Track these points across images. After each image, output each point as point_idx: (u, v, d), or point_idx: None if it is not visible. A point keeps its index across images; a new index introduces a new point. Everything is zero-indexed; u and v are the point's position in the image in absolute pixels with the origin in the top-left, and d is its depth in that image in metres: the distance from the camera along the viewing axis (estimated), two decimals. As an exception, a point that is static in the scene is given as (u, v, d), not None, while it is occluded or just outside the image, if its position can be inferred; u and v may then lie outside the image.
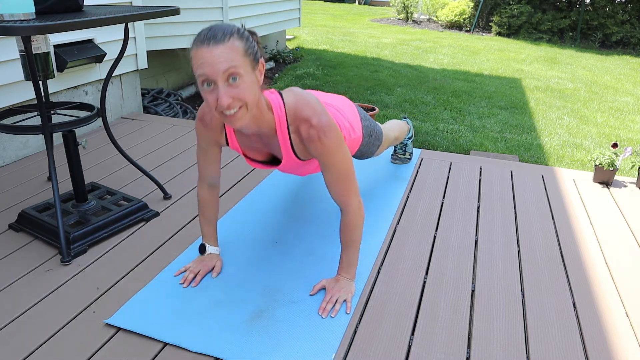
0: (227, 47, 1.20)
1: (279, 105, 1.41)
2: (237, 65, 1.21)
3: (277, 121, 1.41)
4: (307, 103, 1.41)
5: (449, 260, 1.80)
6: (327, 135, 1.38)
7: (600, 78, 6.29)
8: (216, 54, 1.19)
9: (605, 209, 2.23)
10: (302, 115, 1.39)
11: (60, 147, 2.72)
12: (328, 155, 1.42)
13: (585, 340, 1.44)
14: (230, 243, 1.86)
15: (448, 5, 10.28)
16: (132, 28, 3.25)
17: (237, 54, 1.21)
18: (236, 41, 1.22)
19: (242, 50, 1.22)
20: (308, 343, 1.38)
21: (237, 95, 1.24)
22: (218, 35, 1.21)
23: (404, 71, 6.12)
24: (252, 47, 1.26)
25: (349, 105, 1.86)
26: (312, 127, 1.38)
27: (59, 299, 1.56)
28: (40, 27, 1.48)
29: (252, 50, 1.26)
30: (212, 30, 1.22)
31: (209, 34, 1.21)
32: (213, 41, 1.20)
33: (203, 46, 1.20)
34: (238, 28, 1.26)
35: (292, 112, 1.40)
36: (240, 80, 1.22)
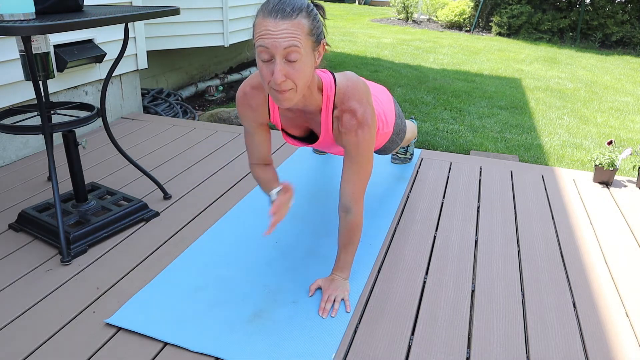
0: (293, 24, 1.18)
1: (330, 86, 1.41)
2: (299, 45, 1.19)
3: (324, 103, 1.42)
4: (357, 92, 1.41)
5: (449, 260, 1.80)
6: (364, 131, 1.39)
7: (600, 78, 6.29)
8: (281, 29, 1.17)
9: (605, 209, 2.23)
10: (349, 104, 1.39)
11: (60, 147, 2.72)
12: (358, 148, 1.42)
13: (585, 340, 1.44)
14: (230, 243, 1.86)
15: (448, 5, 10.28)
16: (132, 28, 3.25)
17: (302, 33, 1.19)
18: (303, 19, 1.20)
19: (308, 30, 1.20)
20: (308, 343, 1.38)
21: (292, 75, 1.23)
22: (287, 8, 1.18)
23: (404, 71, 6.12)
24: (318, 27, 1.25)
25: (389, 99, 1.86)
26: (354, 118, 1.39)
27: (59, 299, 1.56)
28: (40, 27, 1.48)
29: (317, 30, 1.24)
30: (282, 2, 1.19)
31: (278, 6, 1.18)
32: (281, 14, 1.17)
33: (270, 17, 1.18)
34: (308, 4, 1.23)
35: (342, 96, 1.40)
36: (299, 60, 1.21)
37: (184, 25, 4.10)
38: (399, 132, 1.94)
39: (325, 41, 1.30)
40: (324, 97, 1.41)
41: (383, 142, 1.88)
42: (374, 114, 1.43)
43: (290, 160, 2.62)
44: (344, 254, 1.58)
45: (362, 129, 1.40)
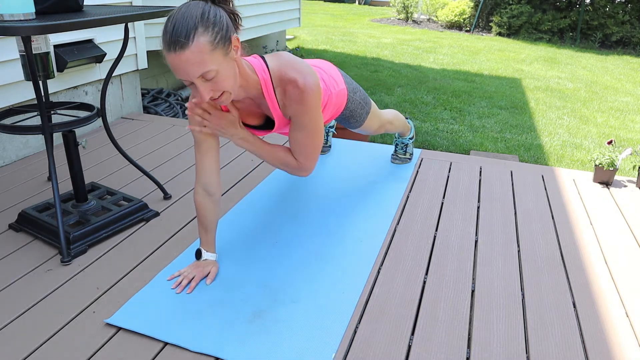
0: (192, 51, 1.18)
1: (261, 68, 1.41)
2: (208, 67, 1.20)
3: (262, 83, 1.42)
4: (293, 65, 1.41)
5: (449, 260, 1.80)
6: (310, 96, 1.39)
7: (600, 78, 6.29)
8: (184, 60, 1.18)
9: (605, 209, 2.23)
10: (288, 77, 1.39)
11: (60, 147, 2.72)
12: (304, 115, 1.42)
13: (585, 340, 1.44)
14: (230, 243, 1.86)
15: (448, 5, 10.28)
16: (132, 28, 3.25)
17: (205, 53, 1.19)
18: (201, 37, 1.18)
19: (210, 45, 1.20)
20: (308, 343, 1.38)
21: (217, 87, 1.26)
22: (181, 38, 1.17)
23: (404, 71, 6.12)
24: (220, 30, 1.22)
25: (329, 65, 1.87)
26: (296, 87, 1.39)
27: (59, 299, 1.56)
28: (40, 27, 1.48)
29: (221, 34, 1.22)
30: (175, 30, 1.18)
31: (172, 37, 1.18)
32: (178, 47, 1.17)
33: (170, 52, 1.19)
34: (202, 13, 1.21)
35: (277, 74, 1.40)
36: (216, 74, 1.23)
37: (184, 25, 4.09)
38: (354, 90, 1.91)
39: (236, 35, 1.29)
40: (260, 79, 1.42)
41: (343, 102, 1.85)
42: (316, 77, 1.42)
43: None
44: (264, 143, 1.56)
45: (306, 95, 1.39)
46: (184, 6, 1.23)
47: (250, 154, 2.72)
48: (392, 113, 2.31)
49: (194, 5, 1.23)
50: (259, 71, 1.42)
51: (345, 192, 2.27)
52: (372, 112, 2.07)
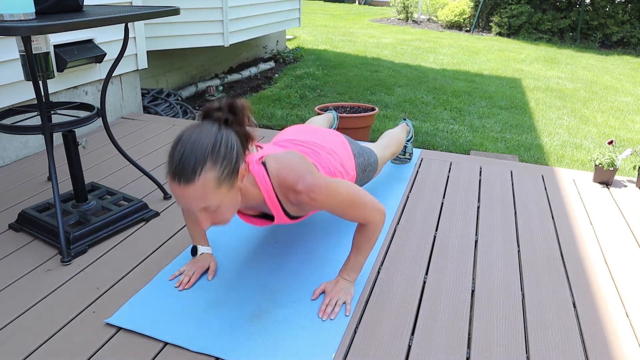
0: (197, 186, 1.12)
1: (263, 179, 1.36)
2: (211, 203, 1.15)
3: (265, 195, 1.38)
4: (290, 168, 1.36)
5: (449, 260, 1.80)
6: (316, 193, 1.34)
7: (600, 78, 6.29)
8: (188, 194, 1.13)
9: (605, 209, 2.23)
10: (287, 184, 1.34)
11: (60, 147, 2.72)
12: (326, 205, 1.39)
13: (585, 340, 1.44)
14: (230, 243, 1.86)
15: (448, 5, 10.28)
16: (132, 28, 3.25)
17: (210, 190, 1.13)
18: (208, 174, 1.12)
19: (216, 182, 1.14)
20: (308, 343, 1.38)
21: (217, 219, 1.22)
22: (188, 171, 1.11)
23: (404, 71, 6.13)
24: (229, 162, 1.16)
25: (341, 143, 1.81)
26: (299, 194, 1.34)
27: (59, 299, 1.56)
28: (40, 27, 1.48)
29: (229, 169, 1.16)
30: (182, 161, 1.12)
31: (179, 168, 1.12)
32: (184, 180, 1.11)
33: (175, 181, 1.13)
34: (214, 144, 1.13)
35: (277, 181, 1.36)
36: (218, 207, 1.18)
37: (184, 25, 4.10)
38: (364, 168, 1.89)
39: (245, 165, 1.23)
40: (263, 192, 1.37)
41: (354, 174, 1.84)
42: (313, 174, 1.36)
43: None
44: (355, 255, 1.55)
45: (314, 194, 1.34)
46: (195, 130, 1.15)
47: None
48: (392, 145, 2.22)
49: (206, 131, 1.15)
50: (261, 183, 1.36)
51: (345, 192, 2.27)
52: (379, 167, 2.04)
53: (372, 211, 1.47)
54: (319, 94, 4.96)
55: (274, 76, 5.58)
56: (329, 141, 1.76)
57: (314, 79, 5.47)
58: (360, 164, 1.86)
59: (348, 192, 1.42)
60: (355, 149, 1.86)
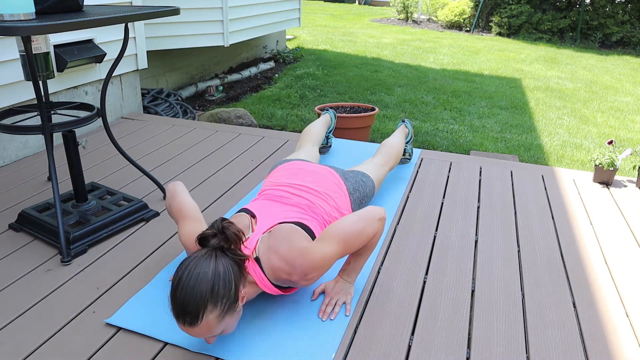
0: (202, 327, 1.19)
1: (261, 278, 1.40)
2: (214, 332, 1.22)
3: (264, 289, 1.42)
4: (281, 258, 1.37)
5: (449, 260, 1.80)
6: (311, 273, 1.37)
7: (600, 78, 6.29)
8: (194, 332, 1.20)
9: (605, 209, 2.23)
10: (282, 277, 1.38)
11: (60, 147, 2.72)
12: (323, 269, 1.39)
13: (585, 340, 1.44)
14: (230, 243, 1.85)
15: (448, 5, 10.28)
16: (132, 28, 3.26)
17: (214, 325, 1.20)
18: (210, 314, 1.18)
19: (218, 318, 1.20)
20: (308, 343, 1.38)
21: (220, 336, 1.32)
22: (191, 315, 1.17)
23: (404, 71, 6.13)
24: (229, 298, 1.21)
25: (336, 184, 1.81)
26: (295, 282, 1.38)
27: (59, 299, 1.56)
28: (40, 27, 1.48)
29: (229, 302, 1.21)
30: (184, 307, 1.17)
31: (181, 312, 1.17)
32: (188, 323, 1.18)
33: (180, 323, 1.20)
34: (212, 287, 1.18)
35: (272, 274, 1.39)
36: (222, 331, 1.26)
37: (184, 25, 4.10)
38: (361, 201, 1.90)
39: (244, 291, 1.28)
40: (261, 287, 1.41)
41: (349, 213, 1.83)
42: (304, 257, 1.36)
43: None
44: (355, 258, 1.55)
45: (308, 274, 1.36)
46: (193, 272, 1.19)
47: (249, 154, 2.73)
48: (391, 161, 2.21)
49: (203, 272, 1.19)
50: (259, 281, 1.40)
51: (345, 192, 2.27)
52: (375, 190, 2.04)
53: (371, 229, 1.46)
54: (319, 94, 4.96)
55: (274, 76, 5.58)
56: (322, 184, 1.77)
57: (314, 79, 5.47)
58: (356, 200, 1.87)
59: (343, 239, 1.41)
60: (350, 186, 1.86)
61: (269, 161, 2.63)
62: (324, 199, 1.72)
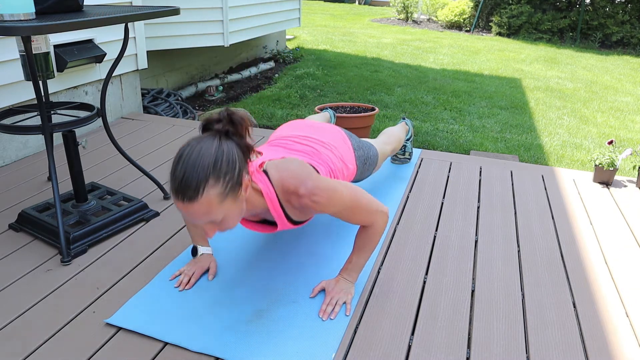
0: (202, 203, 1.13)
1: (267, 188, 1.37)
2: (214, 215, 1.16)
3: (269, 203, 1.38)
4: (290, 174, 1.36)
5: (449, 260, 1.80)
6: (318, 196, 1.35)
7: (600, 78, 6.29)
8: (192, 211, 1.14)
9: (605, 209, 2.23)
10: (289, 189, 1.35)
11: (60, 147, 2.72)
12: (329, 207, 1.39)
13: (585, 340, 1.44)
14: (230, 243, 1.86)
15: (448, 5, 10.28)
16: (132, 28, 3.25)
17: (214, 205, 1.14)
18: (211, 190, 1.13)
19: (219, 197, 1.14)
20: (308, 343, 1.38)
21: (222, 228, 1.23)
22: (190, 189, 1.11)
23: (404, 71, 6.13)
24: (232, 177, 1.16)
25: (340, 137, 1.81)
26: (301, 197, 1.35)
27: (59, 299, 1.56)
28: (40, 27, 1.48)
29: (232, 183, 1.16)
30: (185, 180, 1.12)
31: (181, 187, 1.12)
32: (187, 199, 1.12)
33: (178, 200, 1.13)
34: (215, 161, 1.14)
35: (280, 188, 1.37)
36: (223, 218, 1.20)
37: (184, 25, 4.10)
38: (364, 161, 1.90)
39: (248, 176, 1.23)
40: (267, 200, 1.38)
41: (352, 179, 1.85)
42: (314, 178, 1.37)
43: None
44: (356, 256, 1.55)
45: (315, 197, 1.35)
46: (195, 147, 1.15)
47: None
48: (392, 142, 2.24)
49: (206, 147, 1.15)
50: (265, 191, 1.37)
51: (345, 192, 2.27)
52: (379, 161, 2.05)
53: (375, 214, 1.47)
54: (319, 94, 4.96)
55: (274, 76, 5.58)
56: (327, 135, 1.76)
57: (314, 79, 5.47)
58: (360, 157, 1.86)
59: (350, 194, 1.42)
60: (354, 143, 1.86)
61: (269, 161, 2.63)
62: (330, 149, 1.70)
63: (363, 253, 1.54)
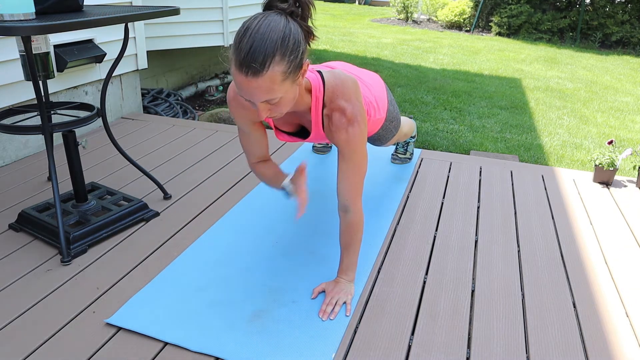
0: (265, 79, 1.11)
1: (319, 87, 1.40)
2: (275, 96, 1.16)
3: (313, 103, 1.41)
4: (346, 90, 1.40)
5: (449, 260, 1.80)
6: (354, 128, 1.39)
7: (600, 78, 6.29)
8: (254, 86, 1.12)
9: (605, 209, 2.23)
10: (338, 103, 1.39)
11: (60, 147, 2.72)
12: (350, 144, 1.42)
13: (585, 340, 1.44)
14: (230, 243, 1.86)
15: (448, 5, 10.28)
16: (132, 28, 3.25)
17: (277, 83, 1.13)
18: (276, 66, 1.11)
19: (283, 75, 1.13)
20: (308, 343, 1.38)
21: (276, 110, 1.23)
22: (257, 62, 1.09)
23: (404, 71, 6.13)
24: (296, 57, 1.15)
25: (380, 85, 1.85)
26: (343, 116, 1.38)
27: (59, 299, 1.56)
28: (40, 27, 1.48)
29: (295, 63, 1.15)
30: (252, 52, 1.09)
31: (247, 59, 1.10)
32: (252, 72, 1.10)
33: (241, 72, 1.11)
34: (283, 37, 1.12)
35: (330, 95, 1.40)
36: (279, 100, 1.19)
37: (184, 25, 4.10)
38: (392, 119, 1.92)
39: (308, 61, 1.23)
40: (312, 98, 1.41)
41: (376, 129, 1.87)
42: (363, 110, 1.42)
43: (290, 160, 2.62)
44: (346, 255, 1.57)
45: (352, 126, 1.40)
46: (263, 21, 1.13)
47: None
48: (408, 125, 2.29)
49: (274, 22, 1.13)
50: (315, 90, 1.39)
51: (345, 192, 2.27)
52: (398, 133, 2.06)
53: (360, 195, 1.50)
54: (319, 94, 4.96)
55: (274, 76, 5.57)
56: (368, 76, 1.81)
57: (314, 79, 5.46)
58: (390, 112, 1.90)
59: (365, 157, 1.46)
60: (390, 97, 1.91)
61: (269, 161, 2.63)
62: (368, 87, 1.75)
63: (351, 251, 1.55)
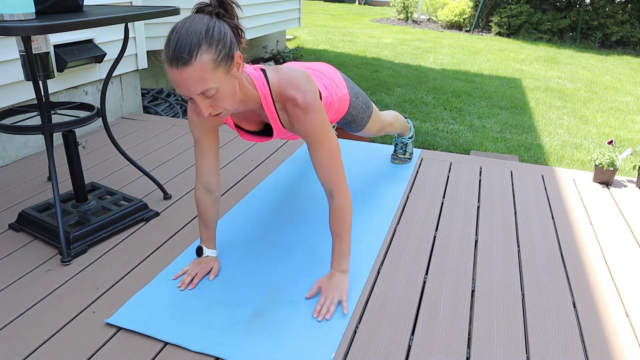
0: (194, 68, 1.17)
1: (261, 82, 1.41)
2: (209, 85, 1.20)
3: (261, 97, 1.42)
4: (292, 81, 1.41)
5: (449, 260, 1.80)
6: (310, 114, 1.39)
7: (600, 78, 6.29)
8: (185, 77, 1.18)
9: (605, 209, 2.23)
10: (288, 94, 1.40)
11: (60, 147, 2.72)
12: (313, 132, 1.42)
13: (585, 340, 1.44)
14: (231, 243, 1.86)
15: (448, 5, 10.28)
16: (132, 28, 3.25)
17: (207, 71, 1.18)
18: (204, 55, 1.17)
19: (212, 63, 1.19)
20: (308, 343, 1.38)
21: (217, 104, 1.26)
22: (184, 54, 1.16)
23: (404, 71, 6.13)
24: (224, 46, 1.21)
25: (332, 69, 1.87)
26: (297, 106, 1.39)
27: (59, 299, 1.56)
28: (40, 27, 1.48)
29: (224, 52, 1.21)
30: (178, 45, 1.16)
31: (175, 52, 1.17)
32: (181, 63, 1.16)
33: (172, 67, 1.18)
34: (207, 29, 1.19)
35: (277, 90, 1.41)
36: (216, 92, 1.23)
37: (184, 25, 4.09)
38: (356, 95, 1.93)
39: (239, 53, 1.27)
40: (259, 94, 1.42)
41: (345, 107, 1.87)
42: (316, 95, 1.42)
43: (290, 160, 2.62)
44: (337, 242, 1.55)
45: (308, 114, 1.40)
46: (188, 20, 1.20)
47: (249, 154, 2.73)
48: (392, 114, 2.31)
49: (198, 19, 1.20)
50: (259, 86, 1.41)
51: (345, 192, 2.27)
52: (374, 115, 2.07)
53: (343, 177, 1.50)
54: (319, 94, 4.96)
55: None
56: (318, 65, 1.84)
57: (314, 79, 5.47)
58: (352, 88, 1.91)
59: (333, 138, 1.46)
60: (346, 77, 1.94)
61: (269, 161, 2.63)
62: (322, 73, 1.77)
63: (342, 238, 1.55)
